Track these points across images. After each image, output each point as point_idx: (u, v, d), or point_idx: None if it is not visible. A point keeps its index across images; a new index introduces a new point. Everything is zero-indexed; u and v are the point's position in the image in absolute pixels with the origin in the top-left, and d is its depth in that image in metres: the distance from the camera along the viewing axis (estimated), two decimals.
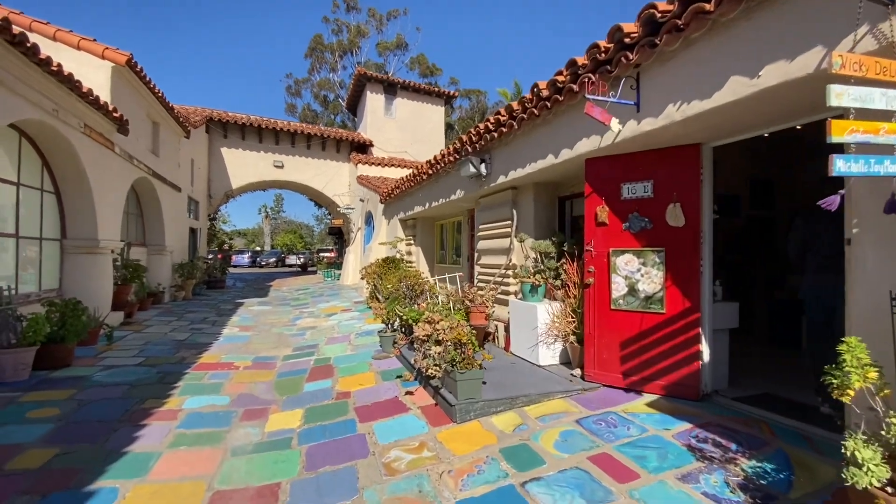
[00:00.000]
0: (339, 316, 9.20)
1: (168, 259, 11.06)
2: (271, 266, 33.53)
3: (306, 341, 7.26)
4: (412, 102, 19.33)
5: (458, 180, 6.93)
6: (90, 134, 6.79)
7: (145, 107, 9.23)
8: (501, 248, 5.99)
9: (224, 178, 16.15)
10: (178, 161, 11.82)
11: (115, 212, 7.84)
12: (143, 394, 4.58)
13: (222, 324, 8.62)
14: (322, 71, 36.09)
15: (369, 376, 5.09)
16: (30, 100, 5.31)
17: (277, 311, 10.48)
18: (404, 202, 10.20)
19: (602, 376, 4.15)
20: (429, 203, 8.42)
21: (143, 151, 9.18)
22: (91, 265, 7.15)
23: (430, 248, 10.32)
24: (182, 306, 10.34)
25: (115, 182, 7.75)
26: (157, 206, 10.39)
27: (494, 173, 5.79)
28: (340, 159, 18.23)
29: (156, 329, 7.74)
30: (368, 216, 14.79)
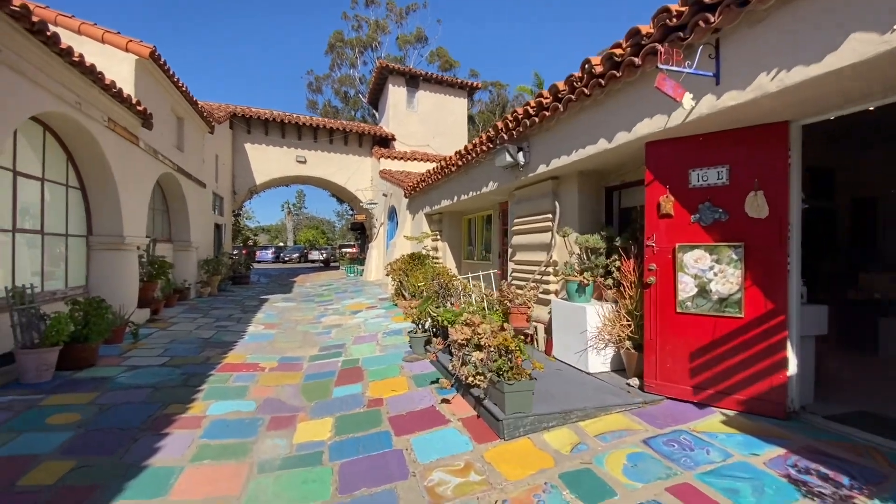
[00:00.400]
0: (364, 313, 8.90)
1: (193, 255, 10.97)
2: (294, 261, 33.74)
3: (333, 340, 6.96)
4: (434, 95, 18.90)
5: (490, 171, 6.49)
6: (114, 128, 6.60)
7: (169, 101, 9.07)
8: (540, 244, 5.53)
9: (248, 174, 16.08)
10: (202, 157, 11.70)
11: (141, 208, 7.69)
12: (167, 398, 4.33)
13: (247, 321, 8.42)
14: (343, 67, 36.14)
15: (401, 381, 4.73)
16: (52, 92, 5.10)
17: (302, 307, 10.26)
18: (430, 196, 9.80)
19: (665, 388, 3.67)
20: (457, 196, 7.99)
21: (167, 147, 9.04)
22: (116, 262, 7.00)
23: (457, 243, 9.91)
24: (207, 303, 10.23)
25: (139, 177, 7.59)
26: (182, 201, 10.27)
27: (533, 162, 5.33)
28: (362, 154, 17.96)
29: (181, 326, 7.58)
30: (392, 211, 14.47)
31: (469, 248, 9.71)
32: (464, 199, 7.68)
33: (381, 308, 9.27)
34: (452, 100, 19.33)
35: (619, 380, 4.09)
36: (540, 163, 5.17)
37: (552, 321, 4.84)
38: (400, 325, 7.40)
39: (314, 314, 9.34)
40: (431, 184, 9.27)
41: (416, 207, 11.11)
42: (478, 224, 9.12)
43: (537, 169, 5.24)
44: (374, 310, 9.17)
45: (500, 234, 7.97)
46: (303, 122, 16.32)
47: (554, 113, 4.64)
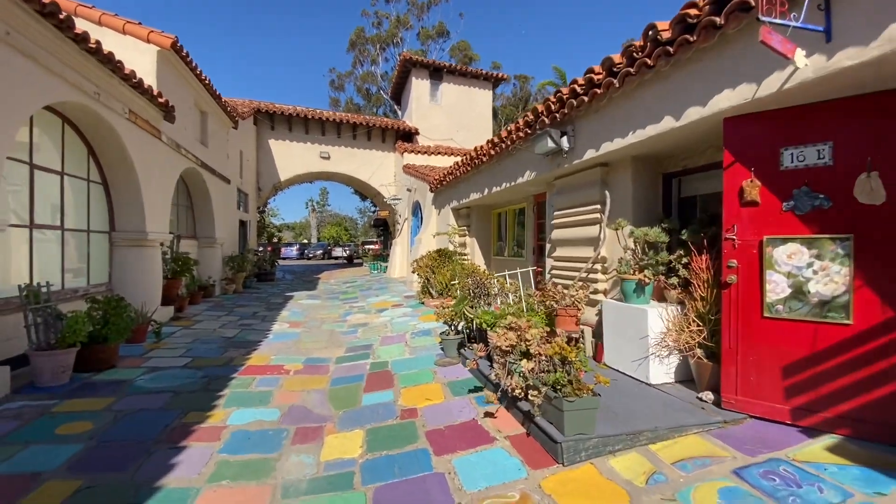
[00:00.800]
0: (390, 312, 8.52)
1: (218, 252, 10.82)
2: (318, 258, 33.86)
3: (359, 340, 6.59)
4: (458, 87, 18.39)
5: (527, 160, 5.97)
6: (135, 121, 6.37)
7: (192, 94, 8.86)
8: (586, 238, 5.00)
9: (272, 171, 15.95)
10: (226, 152, 11.54)
11: (164, 203, 7.49)
12: (186, 404, 4.01)
13: (272, 319, 8.16)
14: (364, 64, 36.16)
15: (435, 388, 4.30)
16: (68, 80, 4.85)
17: (327, 305, 9.97)
18: (458, 189, 9.33)
19: (749, 405, 3.12)
20: (488, 189, 7.50)
21: (191, 141, 8.84)
22: (140, 259, 6.80)
23: (485, 239, 9.42)
24: (232, 300, 10.05)
25: (162, 172, 7.38)
26: (206, 197, 10.10)
27: (579, 148, 4.79)
28: (386, 149, 17.63)
29: (205, 325, 7.35)
30: (416, 206, 14.08)
31: (499, 243, 9.21)
32: (496, 191, 7.18)
33: (407, 306, 8.88)
34: (477, 92, 18.78)
35: (688, 393, 3.55)
36: (587, 148, 4.63)
37: (602, 324, 4.32)
38: (428, 325, 6.98)
39: (339, 312, 9.02)
40: (459, 176, 8.80)
41: (443, 202, 10.66)
42: (509, 218, 8.60)
43: (584, 155, 4.70)
44: (401, 308, 8.78)
45: (535, 229, 7.44)
46: (326, 118, 16.07)
47: (606, 90, 4.09)
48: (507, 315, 3.93)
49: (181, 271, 7.90)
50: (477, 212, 9.35)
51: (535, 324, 3.69)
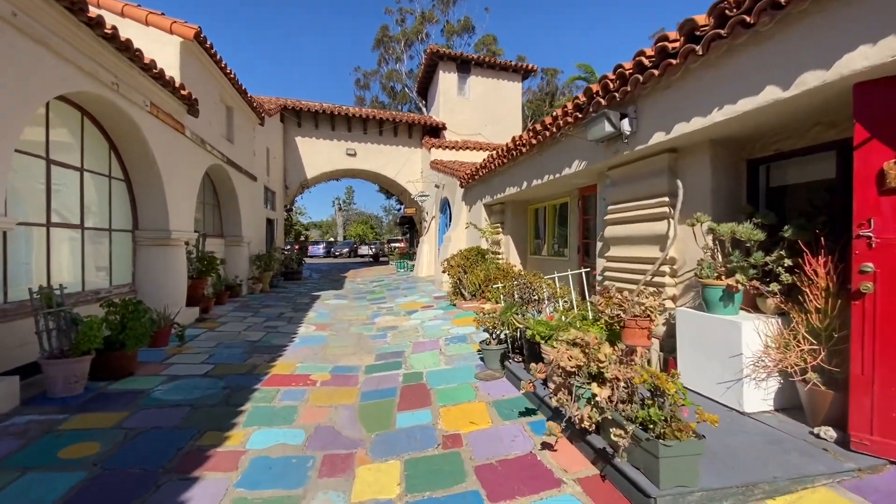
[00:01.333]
0: (420, 314, 8.02)
1: (245, 251, 10.58)
2: (344, 256, 33.86)
3: (389, 346, 6.11)
4: (487, 80, 17.74)
5: (575, 148, 5.33)
6: (157, 114, 6.06)
7: (217, 89, 8.58)
8: (650, 236, 4.33)
9: (299, 168, 15.74)
10: (253, 149, 11.29)
11: (188, 200, 7.20)
12: (203, 421, 3.60)
13: (298, 321, 7.79)
14: (389, 62, 36.14)
15: (480, 408, 3.75)
16: (83, 69, 4.52)
17: (354, 306, 9.56)
18: (491, 184, 8.73)
19: (891, 448, 2.43)
20: (527, 182, 6.87)
21: (216, 137, 8.56)
22: (163, 258, 6.52)
23: (521, 236, 8.78)
24: (259, 300, 9.77)
25: (186, 168, 7.08)
26: (232, 195, 9.85)
27: (643, 131, 4.13)
28: (412, 145, 17.17)
29: (230, 327, 7.03)
30: (444, 203, 13.54)
31: (536, 241, 8.56)
32: (536, 184, 6.54)
33: (437, 308, 8.36)
34: (506, 84, 18.08)
35: (797, 427, 2.87)
36: (654, 131, 3.97)
37: (676, 337, 3.66)
38: (463, 330, 6.44)
39: (367, 313, 8.58)
40: (494, 169, 8.19)
41: (474, 197, 10.08)
42: (548, 214, 7.95)
43: (649, 139, 4.04)
44: (431, 310, 8.27)
45: (580, 226, 6.78)
46: (352, 114, 15.73)
47: (684, 60, 3.43)
48: (566, 326, 3.33)
49: (206, 271, 7.62)
50: (512, 208, 8.72)
51: (600, 337, 3.07)
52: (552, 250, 7.82)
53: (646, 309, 3.48)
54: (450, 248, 10.54)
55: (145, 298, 6.33)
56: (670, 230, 4.10)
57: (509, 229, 8.80)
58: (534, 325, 3.55)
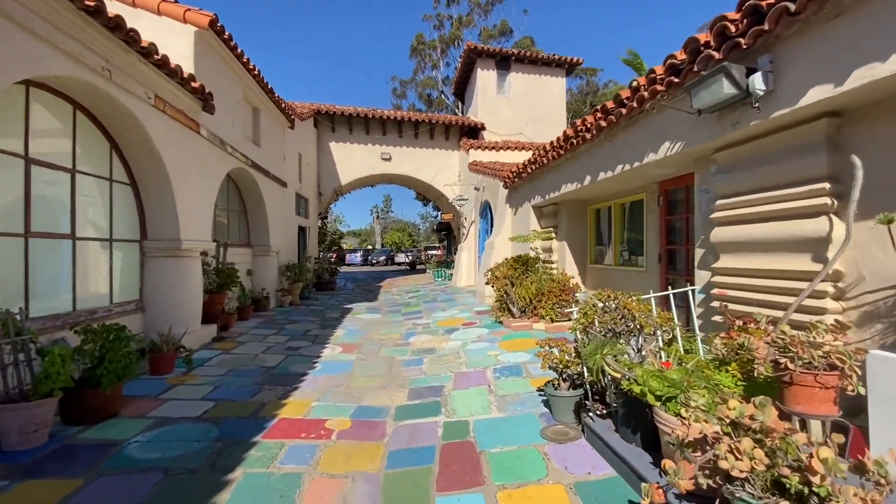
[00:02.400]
0: (461, 334, 6.88)
1: (274, 261, 9.86)
2: (381, 264, 33.37)
3: (425, 377, 5.00)
4: (528, 76, 16.52)
5: (665, 127, 4.05)
6: (164, 109, 5.31)
7: (240, 86, 7.89)
8: (794, 240, 3.00)
9: (333, 174, 15.11)
10: (283, 154, 10.63)
11: (204, 207, 6.45)
12: (175, 498, 2.62)
13: (324, 340, 6.85)
14: (425, 70, 36.15)
15: (557, 496, 2.55)
16: (61, 49, 3.75)
17: (387, 321, 8.56)
18: (542, 182, 7.49)
19: None
20: (592, 176, 5.60)
21: (239, 139, 7.86)
22: (175, 271, 5.76)
23: (579, 242, 7.46)
24: (286, 314, 8.97)
25: (202, 171, 6.34)
26: (259, 201, 9.15)
27: (788, 87, 2.82)
28: (449, 147, 16.18)
29: (248, 348, 6.17)
30: (485, 207, 12.40)
31: (598, 248, 7.21)
32: (603, 178, 5.27)
33: (481, 326, 7.19)
34: (548, 80, 16.77)
35: None
36: (810, 85, 2.66)
37: (867, 396, 2.31)
38: (514, 357, 5.25)
39: (401, 331, 7.54)
40: (546, 165, 6.96)
41: (520, 199, 8.86)
42: (615, 215, 6.59)
43: (799, 99, 2.73)
44: (474, 328, 7.11)
45: (662, 229, 5.42)
46: (387, 117, 14.95)
47: None
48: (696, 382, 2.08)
49: (226, 284, 6.84)
50: (568, 209, 7.43)
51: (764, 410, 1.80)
52: (620, 259, 6.46)
53: (828, 354, 2.17)
54: (493, 256, 9.36)
55: (154, 316, 5.59)
56: (832, 231, 2.75)
57: (564, 234, 7.51)
58: (644, 378, 2.31)
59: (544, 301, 6.62)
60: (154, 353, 4.86)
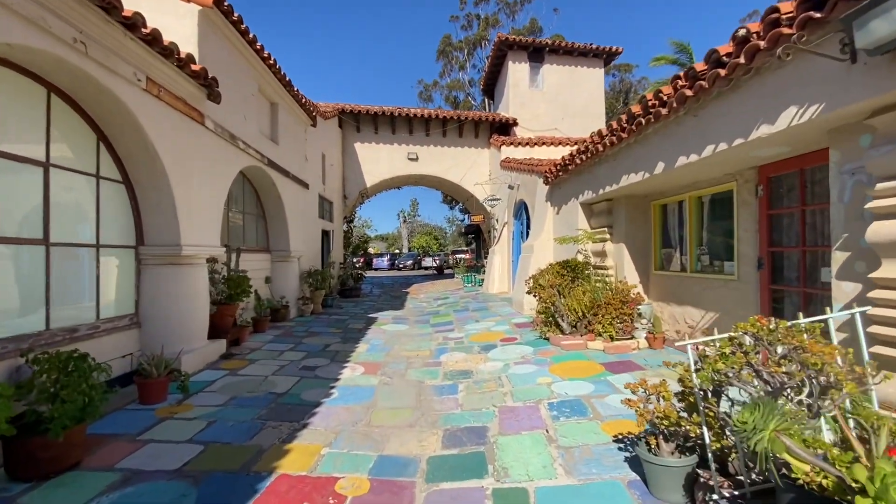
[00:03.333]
0: (501, 352, 5.87)
1: (295, 267, 9.13)
2: (408, 268, 32.65)
3: (462, 412, 4.02)
4: (562, 68, 15.38)
5: (789, 85, 2.94)
6: (159, 95, 4.58)
7: (254, 76, 7.18)
8: None
9: (358, 176, 14.40)
10: (304, 153, 9.93)
11: (211, 208, 5.72)
12: None
13: (344, 357, 5.99)
14: (452, 72, 35.82)
15: None
16: (18, 13, 3.02)
17: (415, 334, 7.64)
18: (593, 175, 6.40)
19: None
20: (667, 162, 4.49)
21: (254, 135, 7.15)
22: (174, 280, 5.02)
23: (640, 244, 6.29)
24: (306, 325, 8.19)
25: (208, 167, 5.62)
26: (277, 203, 8.44)
27: None
28: (479, 145, 15.20)
29: (257, 368, 5.37)
30: (519, 207, 11.33)
31: (665, 252, 6.03)
32: (683, 163, 4.16)
33: (523, 342, 6.15)
34: (584, 72, 15.57)
35: None
36: None
37: None
38: (573, 387, 4.21)
39: (430, 346, 6.59)
40: (599, 153, 5.88)
41: (565, 196, 7.77)
42: (690, 211, 5.39)
43: None
44: (514, 345, 6.08)
45: (764, 226, 4.24)
46: (413, 115, 14.13)
47: None
48: None
49: (236, 295, 6.08)
50: (626, 206, 6.28)
51: None
52: (696, 264, 5.28)
53: None
54: (532, 261, 8.30)
55: (152, 332, 4.86)
56: None
57: (622, 235, 6.36)
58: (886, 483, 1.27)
59: (601, 315, 5.52)
60: (142, 378, 4.10)
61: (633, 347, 5.26)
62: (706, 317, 4.87)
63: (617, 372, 4.59)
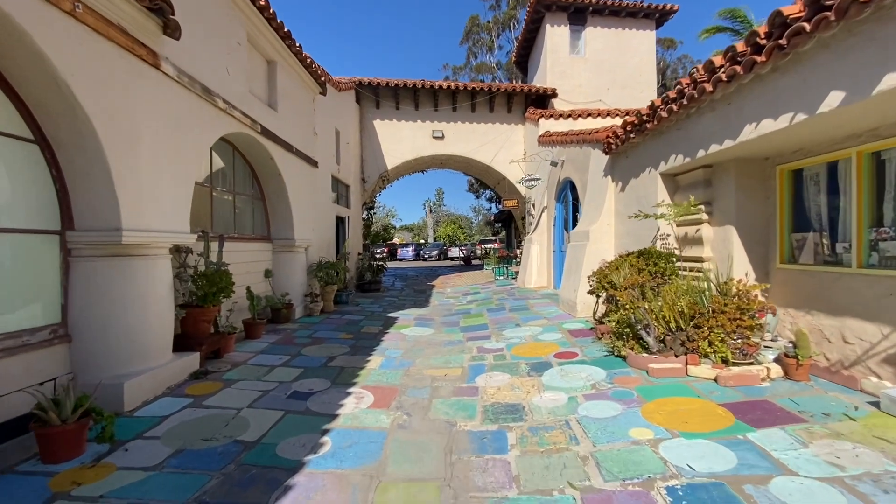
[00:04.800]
0: (559, 374, 4.26)
1: (301, 258, 7.76)
2: (433, 259, 31.20)
3: (519, 496, 2.47)
4: (608, 31, 13.38)
5: None
6: (75, 13, 3.16)
7: (241, 21, 5.71)
8: None
9: (378, 157, 12.93)
10: (312, 127, 8.50)
11: (175, 182, 4.32)
12: None
13: (351, 377, 4.54)
14: (479, 55, 34.55)
15: None
16: None
17: (441, 341, 6.12)
18: (686, 133, 4.64)
19: None
20: (842, 93, 2.72)
21: (243, 95, 5.72)
22: (118, 278, 3.67)
23: (756, 228, 4.46)
24: (312, 328, 6.80)
25: (167, 127, 4.21)
26: (278, 183, 7.04)
27: None
28: (512, 121, 13.42)
29: (232, 394, 3.97)
30: (564, 187, 9.57)
31: (798, 237, 4.19)
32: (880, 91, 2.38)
33: (588, 360, 4.52)
34: (634, 35, 13.52)
35: None
36: None
37: None
38: (698, 453, 2.56)
39: (462, 361, 5.05)
40: (698, 99, 4.11)
41: (634, 167, 6.01)
42: (858, 174, 3.46)
43: None
44: (576, 364, 4.46)
45: None
46: (439, 86, 12.47)
47: None
48: None
49: (212, 295, 4.68)
50: (734, 173, 4.44)
51: None
52: (866, 256, 3.46)
53: None
54: (587, 251, 6.60)
55: (86, 349, 3.55)
56: None
57: (728, 214, 4.55)
58: None
59: (707, 327, 3.82)
60: (39, 425, 2.73)
61: (761, 377, 3.56)
62: (893, 337, 3.11)
63: (760, 424, 2.92)
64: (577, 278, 6.62)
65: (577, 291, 6.48)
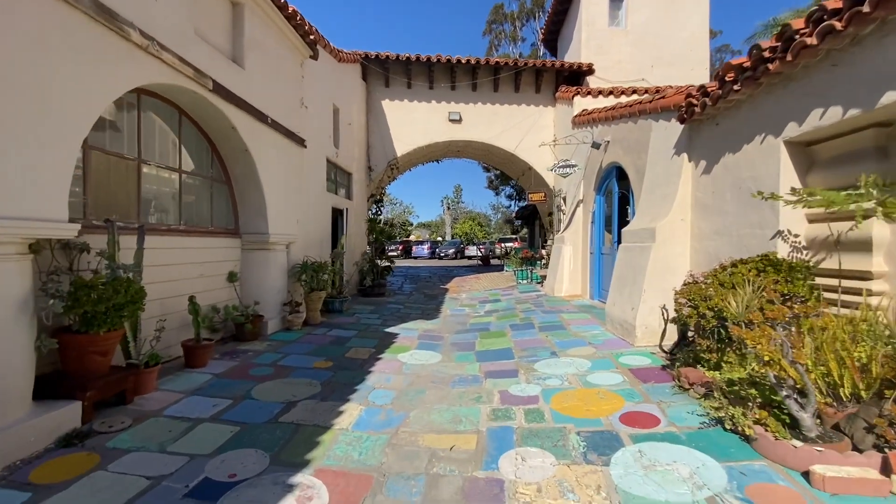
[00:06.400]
0: (634, 463, 2.53)
1: (279, 258, 6.18)
2: (450, 258, 29.50)
3: None
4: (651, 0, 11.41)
5: None
6: None
7: None
8: None
9: (386, 142, 11.31)
10: (299, 96, 6.90)
11: (26, 139, 2.74)
12: None
13: (303, 450, 2.89)
14: (502, 46, 33.15)
15: None
16: None
17: (449, 377, 4.43)
18: (849, 69, 2.83)
19: None
20: None
21: (182, 34, 4.13)
22: None
23: None
24: (281, 351, 5.18)
25: (27, 61, 2.63)
26: (246, 161, 5.46)
27: None
28: (541, 102, 11.61)
29: (101, 485, 2.37)
30: (607, 176, 7.73)
31: None
32: None
33: (677, 433, 2.77)
34: (683, 4, 11.51)
35: None
36: None
37: None
38: None
39: (476, 422, 3.34)
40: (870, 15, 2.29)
41: (733, 136, 4.17)
42: None
43: None
44: (663, 442, 2.70)
45: None
46: (457, 60, 10.71)
47: None
48: None
49: (102, 316, 3.08)
50: None
51: None
52: None
53: None
54: (651, 256, 4.80)
55: None
56: None
57: None
58: None
59: None
60: None
61: None
62: None
63: None
64: (635, 292, 4.84)
65: (637, 310, 4.70)
